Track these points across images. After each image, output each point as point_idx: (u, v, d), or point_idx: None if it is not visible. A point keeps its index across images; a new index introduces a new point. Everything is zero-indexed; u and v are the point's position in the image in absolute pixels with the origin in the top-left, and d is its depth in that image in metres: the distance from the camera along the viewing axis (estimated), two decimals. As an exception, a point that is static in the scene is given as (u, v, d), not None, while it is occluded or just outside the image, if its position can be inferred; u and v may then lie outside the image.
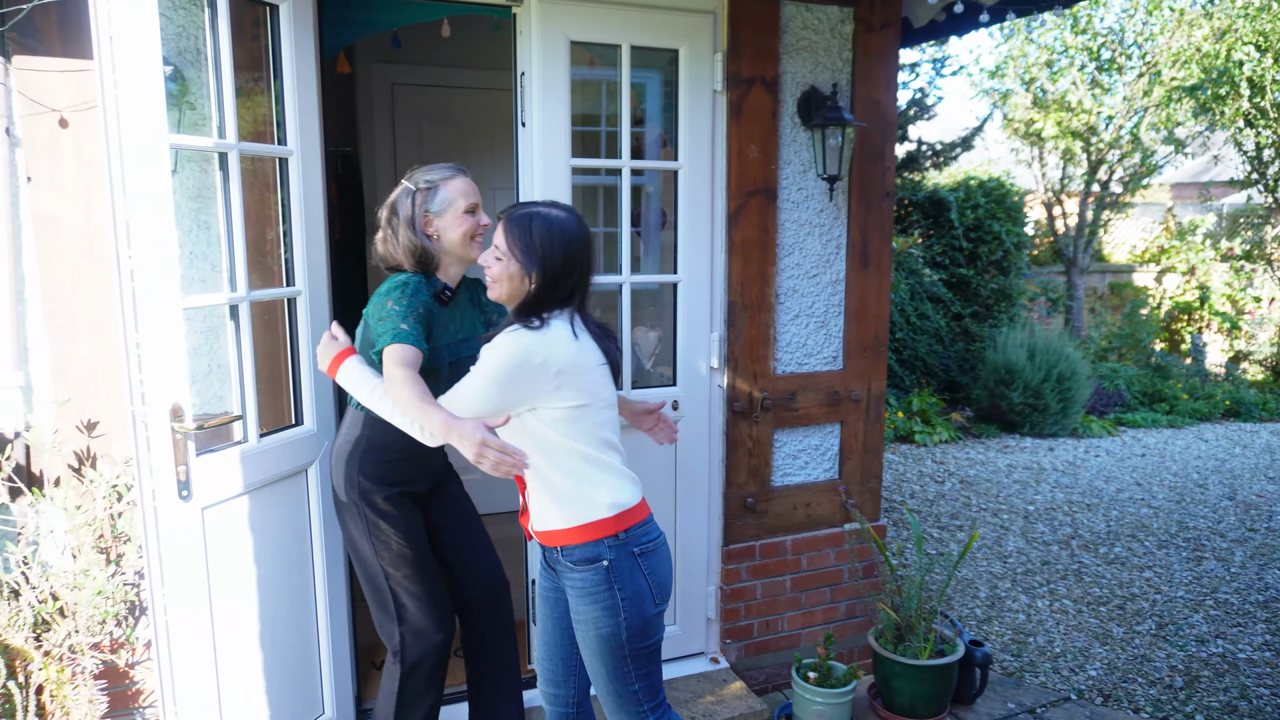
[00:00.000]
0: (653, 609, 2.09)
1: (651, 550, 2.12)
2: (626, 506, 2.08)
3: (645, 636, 2.09)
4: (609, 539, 2.06)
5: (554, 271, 2.01)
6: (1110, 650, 3.90)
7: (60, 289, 2.44)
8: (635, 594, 2.06)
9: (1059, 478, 6.58)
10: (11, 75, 2.34)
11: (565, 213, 2.07)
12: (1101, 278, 11.10)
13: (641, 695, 2.14)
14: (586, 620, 2.08)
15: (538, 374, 1.96)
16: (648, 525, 2.14)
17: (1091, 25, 9.66)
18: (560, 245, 2.01)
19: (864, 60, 3.20)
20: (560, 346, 1.99)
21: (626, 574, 2.06)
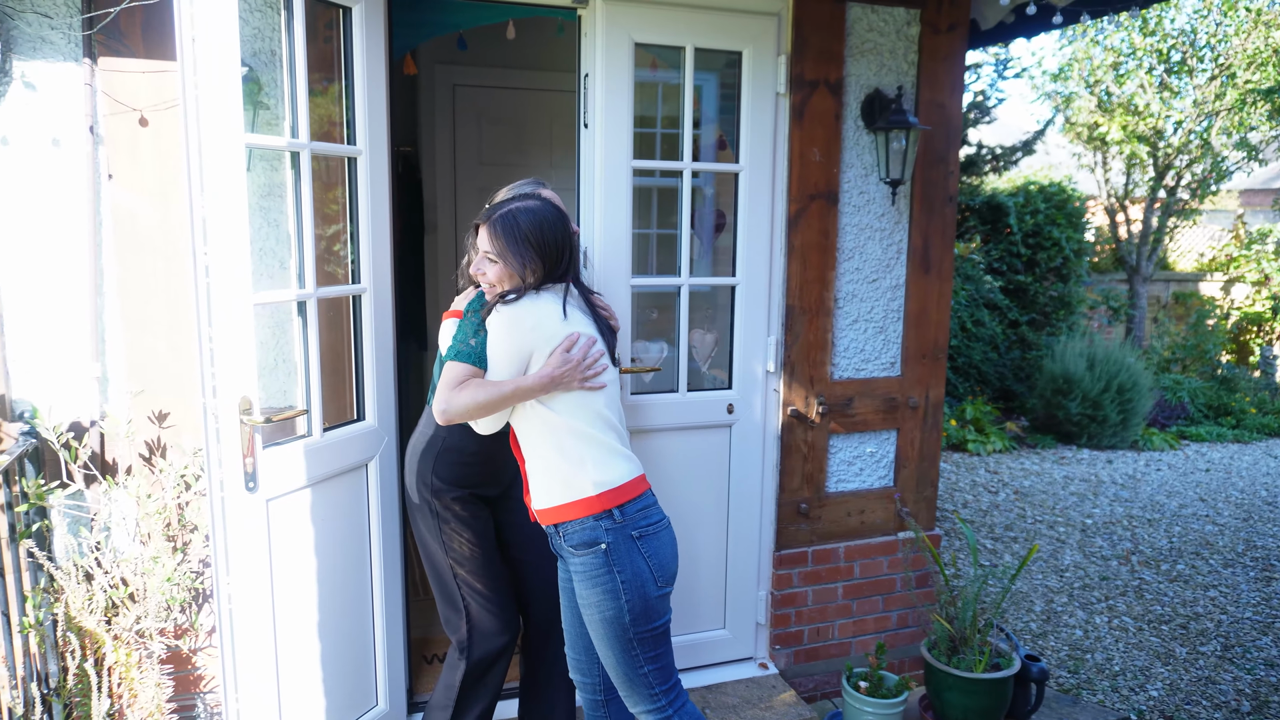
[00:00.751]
0: (655, 591, 2.12)
1: (652, 534, 2.14)
2: (614, 485, 2.10)
3: (649, 619, 2.11)
4: (606, 521, 2.09)
5: (550, 259, 2.12)
6: (1173, 670, 3.79)
7: (136, 283, 2.52)
8: (635, 576, 2.09)
9: (1118, 491, 6.41)
10: (97, 76, 2.41)
11: (539, 202, 2.17)
12: (1165, 286, 10.79)
13: (652, 678, 2.15)
14: (589, 604, 2.12)
15: (532, 336, 2.06)
16: (647, 509, 2.16)
17: (1161, 26, 9.39)
18: (550, 234, 2.12)
19: (929, 63, 3.15)
20: (549, 313, 2.10)
21: (625, 557, 2.09)
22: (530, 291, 2.11)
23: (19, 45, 2.37)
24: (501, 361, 2.09)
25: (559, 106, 4.40)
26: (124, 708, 2.41)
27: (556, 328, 2.09)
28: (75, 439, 2.49)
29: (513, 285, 2.13)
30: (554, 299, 2.13)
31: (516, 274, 2.12)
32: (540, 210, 2.14)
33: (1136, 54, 9.58)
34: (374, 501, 2.67)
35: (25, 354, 2.48)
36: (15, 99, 2.39)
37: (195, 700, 2.71)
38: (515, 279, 2.13)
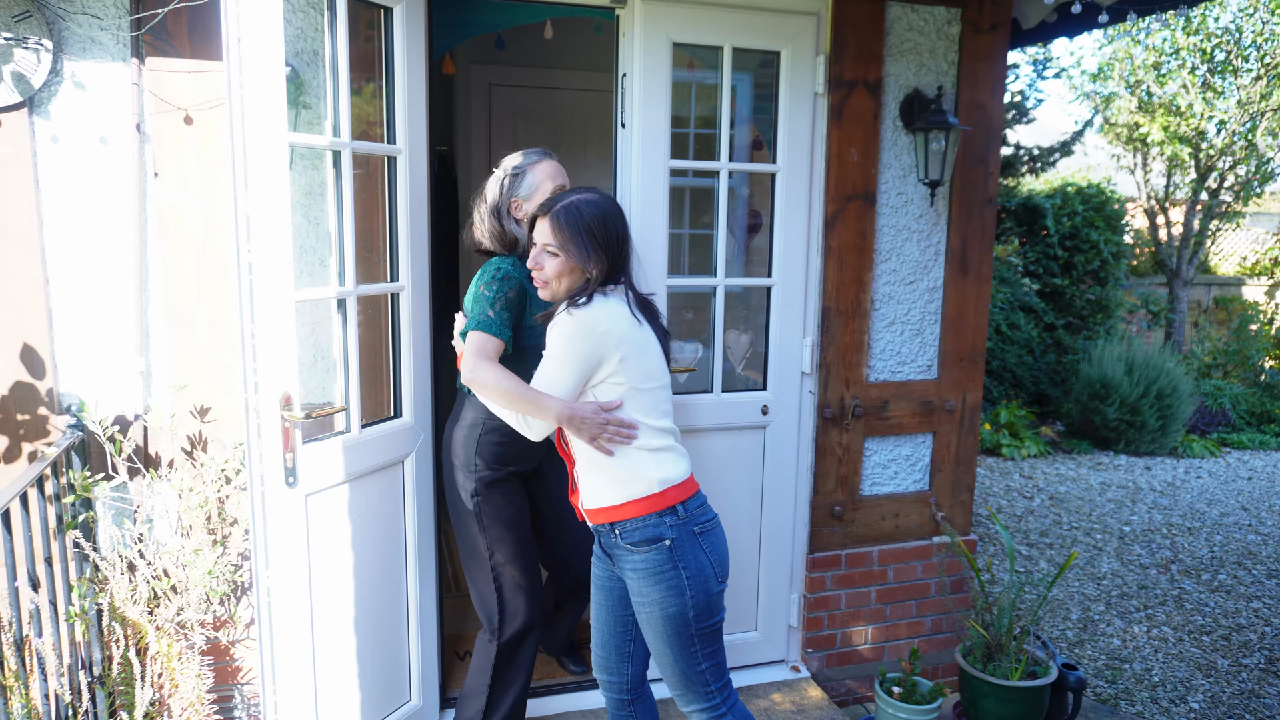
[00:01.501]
0: (716, 586, 2.10)
1: (710, 529, 2.13)
2: (675, 482, 2.08)
3: (710, 615, 2.10)
4: (668, 517, 2.06)
5: (613, 254, 2.06)
6: (1214, 683, 3.71)
7: (180, 279, 2.56)
8: (699, 572, 2.07)
9: (1157, 498, 6.30)
10: (144, 76, 2.45)
11: (599, 195, 2.11)
12: (1206, 290, 10.58)
13: (709, 675, 2.14)
14: (651, 601, 2.08)
15: (602, 343, 2.00)
16: (703, 504, 2.14)
17: (1205, 25, 9.21)
18: (613, 226, 2.07)
19: (970, 62, 3.12)
20: (620, 318, 2.04)
21: (689, 552, 2.06)
22: (598, 293, 2.04)
23: (70, 46, 2.42)
24: (563, 369, 2.03)
25: (595, 106, 4.41)
26: (165, 697, 2.45)
27: (630, 332, 2.03)
28: (120, 432, 2.54)
29: (572, 281, 2.08)
30: (620, 301, 2.07)
31: (580, 267, 2.05)
32: (602, 202, 2.08)
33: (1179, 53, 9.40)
34: (410, 498, 2.69)
35: (73, 348, 2.53)
36: (65, 98, 2.44)
37: (233, 691, 2.75)
38: (577, 273, 2.07)
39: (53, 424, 2.50)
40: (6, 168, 2.40)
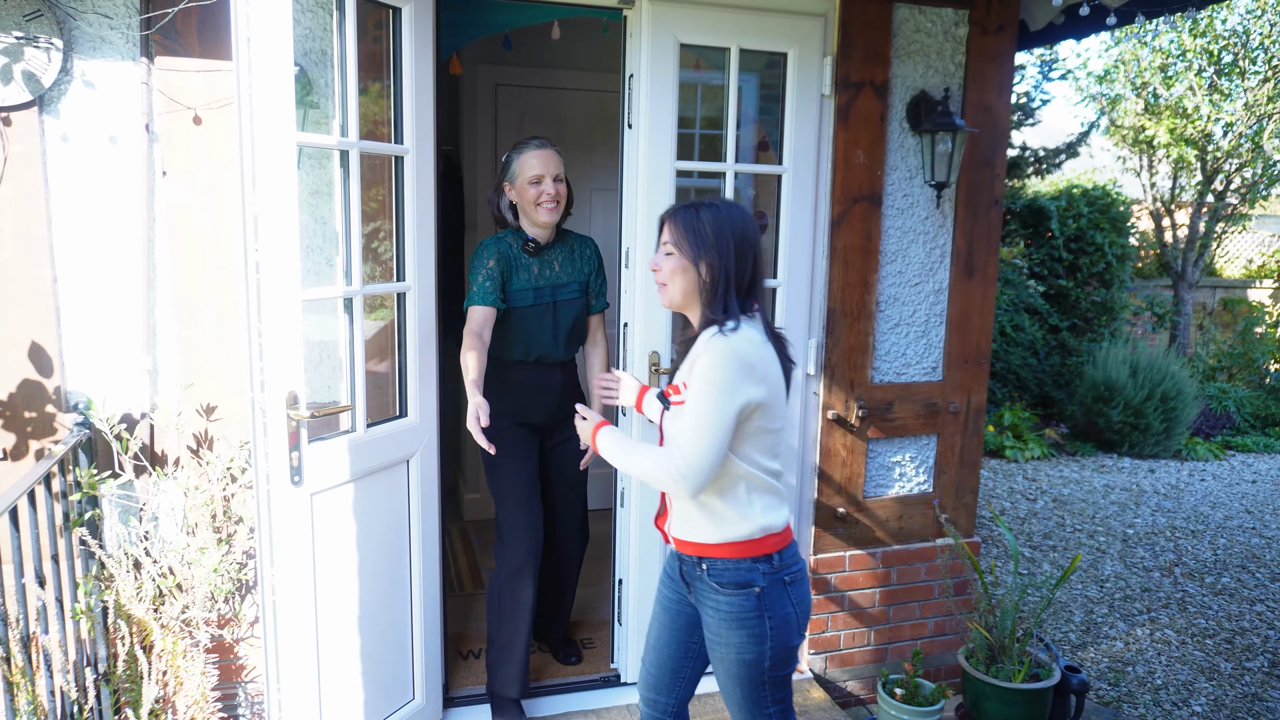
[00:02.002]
0: (797, 639, 2.04)
1: (799, 579, 2.05)
2: (775, 530, 2.00)
3: (786, 665, 2.05)
4: (763, 565, 1.99)
5: (729, 259, 1.92)
6: (1217, 686, 3.71)
7: (188, 278, 2.57)
8: (783, 623, 2.00)
9: (1160, 501, 6.29)
10: (153, 75, 2.46)
11: (725, 203, 2.01)
12: (1212, 293, 10.56)
13: (775, 717, 2.09)
14: (729, 644, 2.01)
15: (753, 376, 1.88)
16: (795, 553, 2.06)
17: (1213, 27, 9.19)
18: (728, 230, 1.93)
19: (977, 64, 3.12)
20: (765, 351, 1.93)
21: (777, 602, 1.99)
22: (746, 318, 1.93)
23: (80, 45, 2.43)
24: (718, 413, 1.85)
25: (601, 107, 4.41)
26: (170, 695, 2.45)
27: (771, 366, 1.92)
28: (127, 430, 2.54)
29: (685, 284, 1.96)
30: (756, 329, 1.94)
31: (690, 270, 1.95)
32: (724, 208, 1.97)
33: (1186, 55, 9.38)
34: (414, 497, 2.70)
35: (80, 347, 2.54)
36: (75, 97, 2.45)
37: (237, 689, 2.76)
38: (690, 275, 1.95)
39: (60, 422, 2.51)
40: (16, 166, 2.40)
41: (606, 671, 3.21)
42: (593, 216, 4.61)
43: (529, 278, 2.82)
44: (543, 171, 2.70)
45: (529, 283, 2.82)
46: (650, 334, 2.94)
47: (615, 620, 3.17)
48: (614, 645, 3.21)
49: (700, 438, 1.86)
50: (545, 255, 2.85)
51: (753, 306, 1.98)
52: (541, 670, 3.22)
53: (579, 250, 2.94)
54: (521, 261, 2.81)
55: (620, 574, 3.11)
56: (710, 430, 1.86)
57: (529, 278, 2.82)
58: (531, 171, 2.71)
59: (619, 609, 3.13)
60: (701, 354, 1.89)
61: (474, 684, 3.11)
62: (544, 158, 2.72)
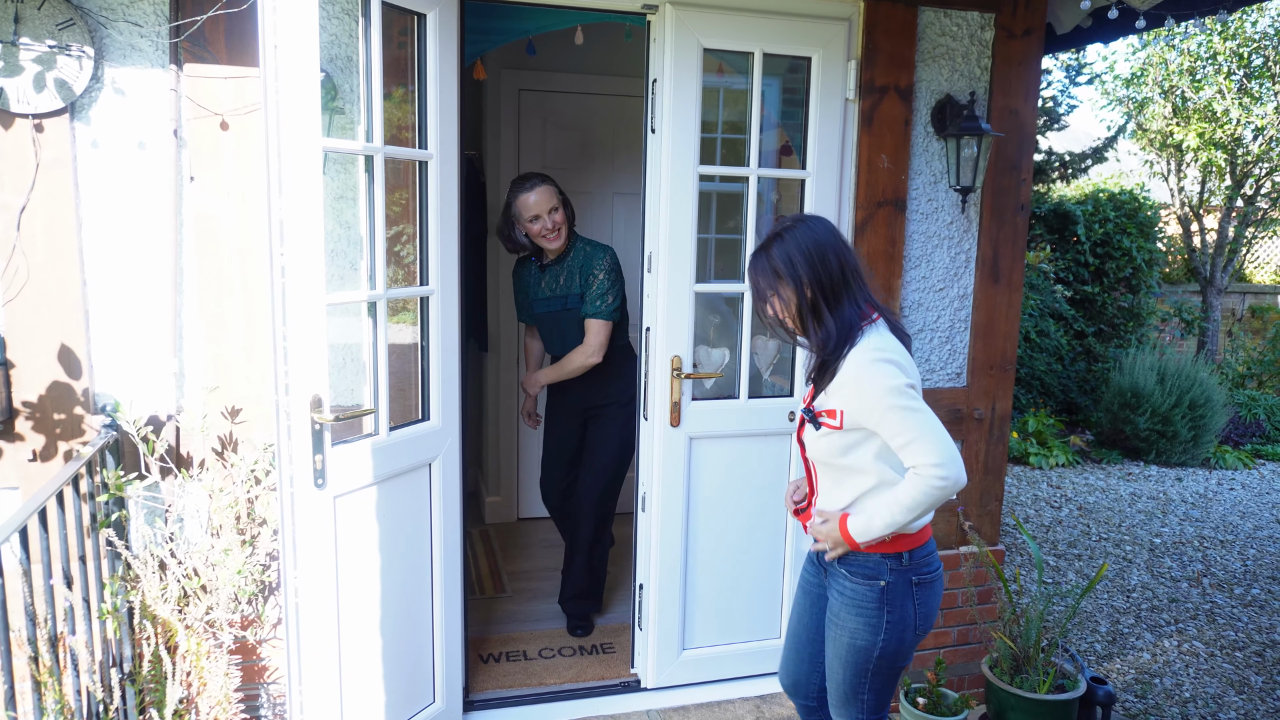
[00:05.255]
0: (912, 637, 2.11)
1: (929, 581, 2.11)
2: (910, 531, 2.07)
3: (895, 660, 2.11)
4: (891, 561, 2.07)
5: (810, 280, 1.99)
6: (1248, 700, 3.65)
7: (214, 282, 2.59)
8: (901, 619, 2.08)
9: (1188, 510, 6.19)
10: (182, 82, 2.49)
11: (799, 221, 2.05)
12: (1241, 299, 10.40)
13: (868, 705, 2.17)
14: (845, 627, 2.11)
15: (901, 366, 1.96)
16: (930, 555, 2.13)
17: (1242, 30, 9.07)
18: (802, 253, 1.99)
19: (1003, 68, 3.09)
20: (896, 345, 2.01)
21: (899, 599, 2.07)
22: (869, 326, 2.04)
23: (110, 53, 2.46)
24: (922, 415, 1.94)
25: (624, 111, 4.41)
26: (194, 695, 2.47)
27: (912, 366, 2.06)
28: (153, 432, 2.57)
29: (786, 318, 2.07)
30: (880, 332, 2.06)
31: (780, 308, 2.07)
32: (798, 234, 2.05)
33: (1216, 58, 9.25)
34: (437, 501, 2.71)
35: (108, 349, 2.57)
36: (105, 104, 2.48)
37: (259, 690, 2.77)
38: (787, 309, 2.06)
39: (88, 423, 2.54)
40: (48, 172, 2.44)
41: (627, 676, 3.21)
42: (615, 221, 4.62)
43: (543, 290, 3.40)
44: (538, 211, 3.17)
45: (542, 294, 3.41)
46: (673, 338, 2.94)
47: (636, 625, 3.16)
48: (634, 650, 3.20)
49: (926, 434, 1.91)
50: (555, 270, 3.36)
51: (869, 314, 2.03)
52: (562, 673, 3.22)
53: (585, 262, 3.33)
54: (536, 278, 3.41)
55: (641, 579, 3.11)
56: (924, 424, 1.92)
57: (543, 290, 3.40)
58: (529, 213, 3.19)
59: (639, 614, 3.13)
60: (854, 377, 1.96)
61: (494, 688, 3.11)
62: (538, 197, 3.16)
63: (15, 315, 2.47)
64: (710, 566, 3.12)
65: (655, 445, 2.99)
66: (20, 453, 2.50)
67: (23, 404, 2.49)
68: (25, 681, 1.99)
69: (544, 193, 3.15)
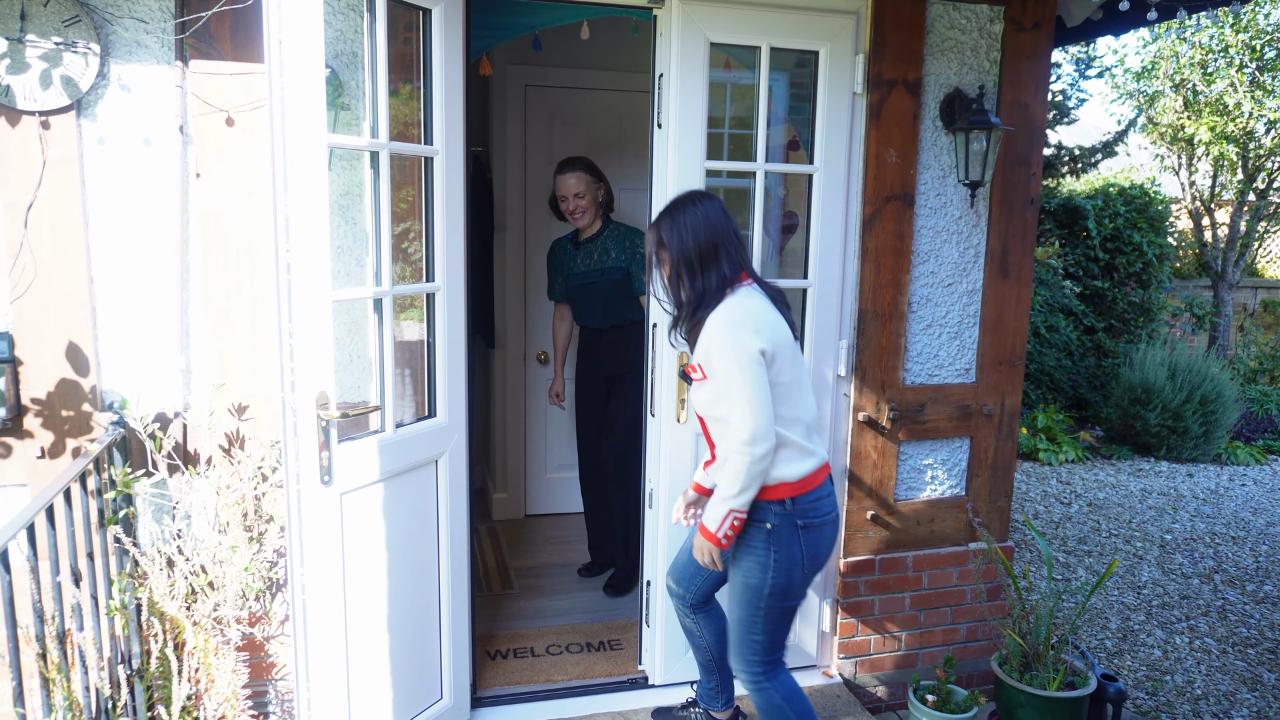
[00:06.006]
0: (799, 576, 2.32)
1: (816, 525, 2.32)
2: (788, 480, 2.28)
3: (785, 598, 2.33)
4: (775, 506, 2.29)
5: (683, 251, 2.30)
6: (1260, 697, 3.62)
7: (220, 279, 2.59)
8: (788, 559, 2.30)
9: (1199, 506, 6.16)
10: (187, 78, 2.49)
11: (680, 199, 2.38)
12: (1253, 294, 10.33)
13: (760, 646, 2.38)
14: (740, 567, 2.35)
15: (749, 329, 2.21)
16: (817, 501, 2.32)
17: (1255, 22, 8.99)
18: (680, 227, 2.32)
19: (1013, 61, 3.07)
20: (758, 305, 2.27)
21: (785, 541, 2.29)
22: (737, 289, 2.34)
23: (116, 50, 2.46)
24: (744, 371, 2.23)
25: (630, 107, 4.40)
26: (201, 692, 2.48)
27: (772, 324, 2.34)
28: (160, 429, 2.57)
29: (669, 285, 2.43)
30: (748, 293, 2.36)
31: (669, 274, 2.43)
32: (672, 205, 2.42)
33: (1227, 51, 9.18)
34: (443, 498, 2.70)
35: (116, 346, 2.57)
36: (111, 101, 2.48)
37: (267, 687, 2.78)
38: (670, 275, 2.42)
39: (95, 420, 2.54)
40: (55, 169, 2.44)
41: (634, 673, 3.20)
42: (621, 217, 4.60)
43: (578, 265, 3.71)
44: (565, 193, 3.57)
45: (578, 268, 3.72)
46: (679, 335, 2.93)
47: (644, 622, 3.15)
48: (642, 647, 3.20)
49: (745, 404, 2.18)
50: (589, 247, 3.68)
51: (741, 280, 2.31)
52: (569, 670, 3.21)
53: (623, 241, 3.67)
54: (570, 252, 3.74)
55: (649, 575, 3.10)
56: (744, 398, 2.18)
57: (578, 265, 3.71)
58: (559, 192, 3.61)
59: (647, 611, 3.12)
60: (709, 335, 2.25)
61: (502, 684, 3.11)
62: (563, 182, 3.56)
63: (23, 313, 2.47)
64: (718, 563, 3.11)
65: (662, 441, 2.98)
66: (29, 450, 2.51)
67: (31, 401, 2.50)
68: (34, 678, 1.99)
69: (572, 178, 3.54)
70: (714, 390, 2.26)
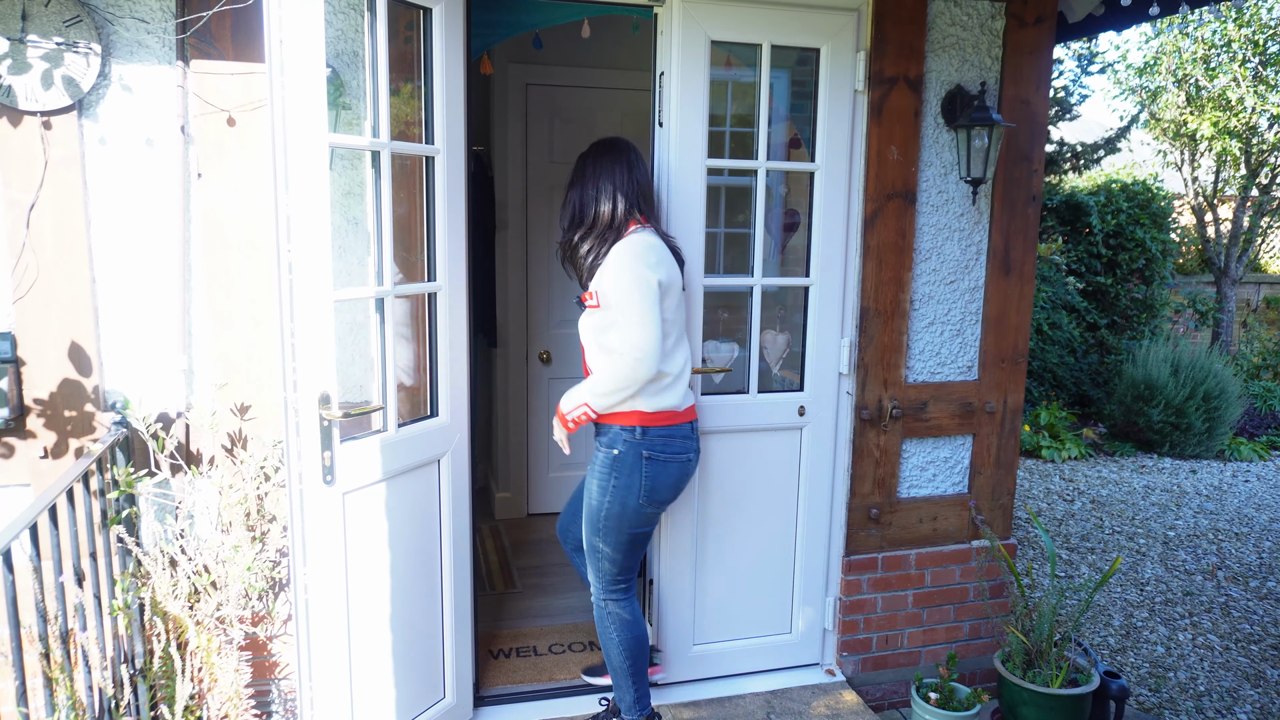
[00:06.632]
0: (635, 504, 2.52)
1: (661, 461, 2.52)
2: (644, 410, 2.50)
3: (620, 523, 2.54)
4: (626, 434, 2.51)
5: (582, 194, 2.58)
6: (1264, 694, 3.62)
7: (222, 279, 2.59)
8: (625, 487, 2.52)
9: (1203, 502, 6.15)
10: (188, 78, 2.49)
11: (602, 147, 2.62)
12: (1256, 289, 10.31)
13: (605, 569, 2.62)
14: (587, 486, 2.61)
15: (649, 262, 2.41)
16: (668, 438, 2.53)
17: (1258, 16, 8.96)
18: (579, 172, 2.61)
19: (1014, 57, 3.06)
20: (655, 242, 2.48)
21: (627, 469, 2.51)
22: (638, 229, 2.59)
23: (117, 50, 2.46)
24: (640, 295, 2.44)
25: (631, 105, 4.40)
26: (204, 691, 2.48)
27: (669, 262, 2.59)
28: (163, 429, 2.58)
29: None
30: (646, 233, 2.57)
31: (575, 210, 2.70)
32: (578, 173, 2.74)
33: (1230, 46, 9.15)
34: (445, 497, 2.70)
35: (118, 346, 2.57)
36: (113, 101, 2.48)
37: (270, 686, 2.78)
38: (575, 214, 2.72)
39: (98, 420, 2.54)
40: (56, 169, 2.44)
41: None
42: (623, 215, 4.60)
43: None
44: None
45: None
46: (681, 333, 2.92)
47: (646, 620, 3.15)
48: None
49: (638, 323, 2.37)
50: None
51: (640, 221, 2.54)
52: (572, 669, 3.22)
53: None
54: None
55: (651, 574, 3.10)
56: (641, 314, 2.38)
57: None
58: None
59: (650, 609, 3.12)
60: (611, 263, 2.44)
61: (505, 683, 3.11)
62: None
63: (26, 313, 2.47)
64: (720, 562, 3.11)
65: (664, 440, 2.98)
66: (32, 450, 2.51)
67: (34, 401, 2.50)
68: (37, 678, 2.00)
69: None
70: (608, 318, 2.45)
